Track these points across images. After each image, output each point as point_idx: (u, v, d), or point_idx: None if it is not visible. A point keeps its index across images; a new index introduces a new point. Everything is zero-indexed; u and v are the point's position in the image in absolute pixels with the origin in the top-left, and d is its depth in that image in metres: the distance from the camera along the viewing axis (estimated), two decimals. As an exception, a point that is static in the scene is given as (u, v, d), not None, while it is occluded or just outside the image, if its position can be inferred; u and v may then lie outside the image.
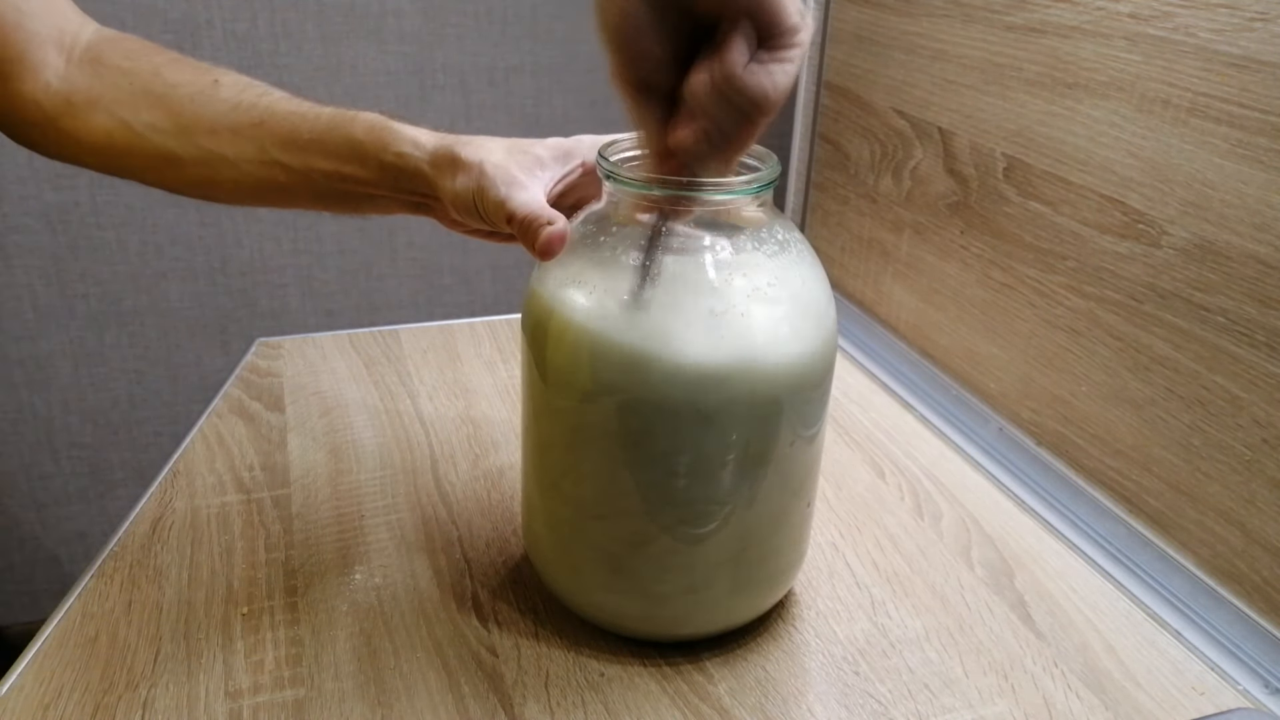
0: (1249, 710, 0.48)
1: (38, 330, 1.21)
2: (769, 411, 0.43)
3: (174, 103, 0.51)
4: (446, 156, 0.47)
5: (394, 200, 0.51)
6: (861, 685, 0.47)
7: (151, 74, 0.52)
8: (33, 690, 0.45)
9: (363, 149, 0.48)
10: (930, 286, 0.79)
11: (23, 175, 1.14)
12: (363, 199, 0.51)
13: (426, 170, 0.47)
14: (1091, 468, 0.63)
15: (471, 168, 0.46)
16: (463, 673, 0.47)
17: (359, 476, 0.63)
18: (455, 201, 0.47)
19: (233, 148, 0.50)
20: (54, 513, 1.31)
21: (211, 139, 0.51)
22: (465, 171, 0.46)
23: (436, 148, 0.47)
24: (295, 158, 0.50)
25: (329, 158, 0.49)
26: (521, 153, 0.48)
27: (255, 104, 0.51)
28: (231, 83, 0.52)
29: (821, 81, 0.93)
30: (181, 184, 0.53)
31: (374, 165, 0.48)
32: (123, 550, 0.55)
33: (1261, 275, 0.50)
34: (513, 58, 1.23)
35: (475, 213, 0.47)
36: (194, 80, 0.52)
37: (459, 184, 0.46)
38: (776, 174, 0.44)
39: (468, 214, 0.47)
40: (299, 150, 0.50)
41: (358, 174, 0.49)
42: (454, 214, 0.48)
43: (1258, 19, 0.49)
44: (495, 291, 1.34)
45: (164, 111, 0.51)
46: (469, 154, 0.46)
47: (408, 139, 0.48)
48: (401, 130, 0.48)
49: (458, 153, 0.47)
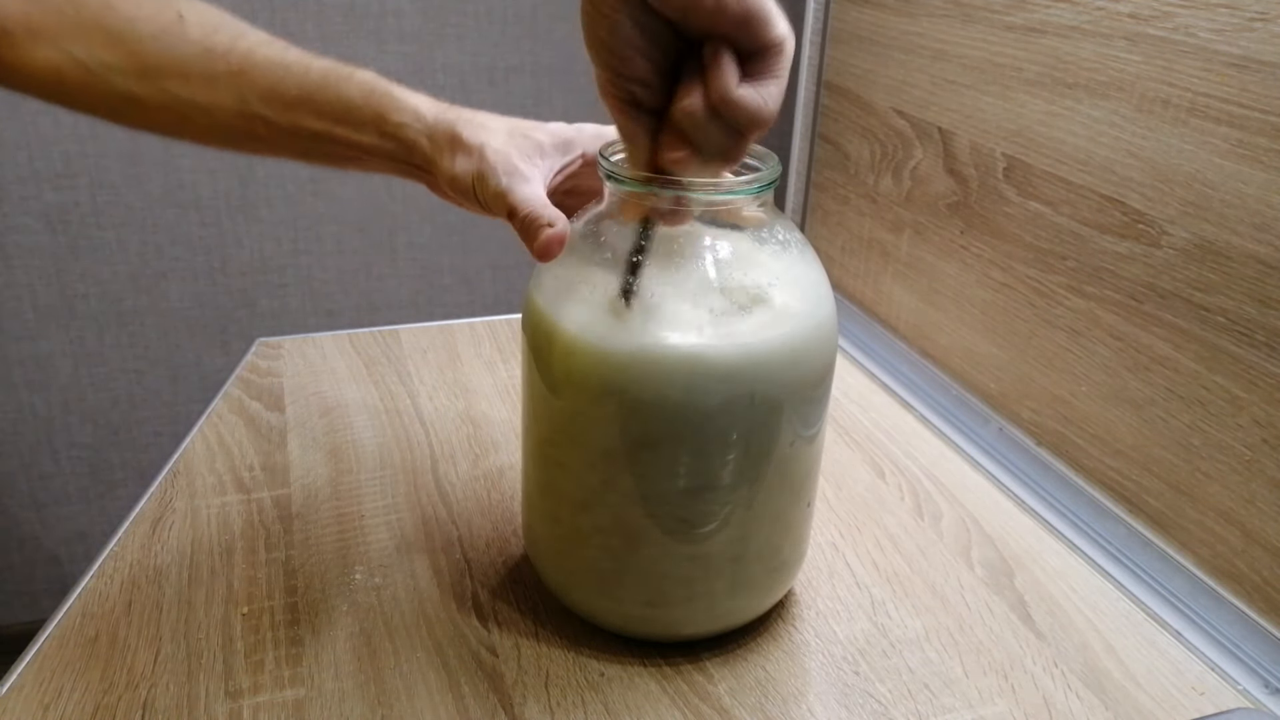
0: (1249, 710, 0.48)
1: (38, 330, 1.21)
2: (769, 411, 0.43)
3: (133, 41, 0.46)
4: (447, 134, 0.45)
5: (385, 164, 0.48)
6: (861, 685, 0.47)
7: (102, 4, 0.46)
8: (33, 690, 0.45)
9: (358, 113, 0.46)
10: (930, 286, 0.79)
11: (23, 175, 1.14)
12: (349, 160, 0.48)
13: (425, 146, 0.46)
14: (1091, 468, 0.63)
15: (472, 150, 0.45)
16: (463, 673, 0.47)
17: (359, 476, 0.63)
18: (453, 183, 0.46)
19: (207, 95, 0.46)
20: (54, 513, 1.31)
21: (182, 85, 0.46)
22: (465, 153, 0.45)
23: (437, 121, 0.46)
24: (280, 113, 0.46)
25: (319, 118, 0.46)
26: (523, 137, 0.47)
27: (231, 48, 0.47)
28: (198, 19, 0.47)
29: (821, 81, 0.93)
30: (145, 125, 0.49)
31: (371, 132, 0.46)
32: (123, 550, 0.55)
33: (1261, 275, 0.50)
34: (513, 58, 1.23)
35: (473, 197, 0.46)
36: (155, 15, 0.47)
37: (459, 166, 0.45)
38: (777, 174, 0.44)
39: (464, 196, 0.46)
40: (284, 106, 0.46)
41: (350, 138, 0.46)
42: (448, 191, 0.47)
43: (1258, 19, 0.49)
44: (495, 291, 1.34)
45: (123, 51, 0.46)
46: (470, 135, 0.45)
47: (408, 109, 0.46)
48: (401, 98, 0.46)
49: (459, 132, 0.45)
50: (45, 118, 1.13)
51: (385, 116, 0.46)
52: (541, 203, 0.44)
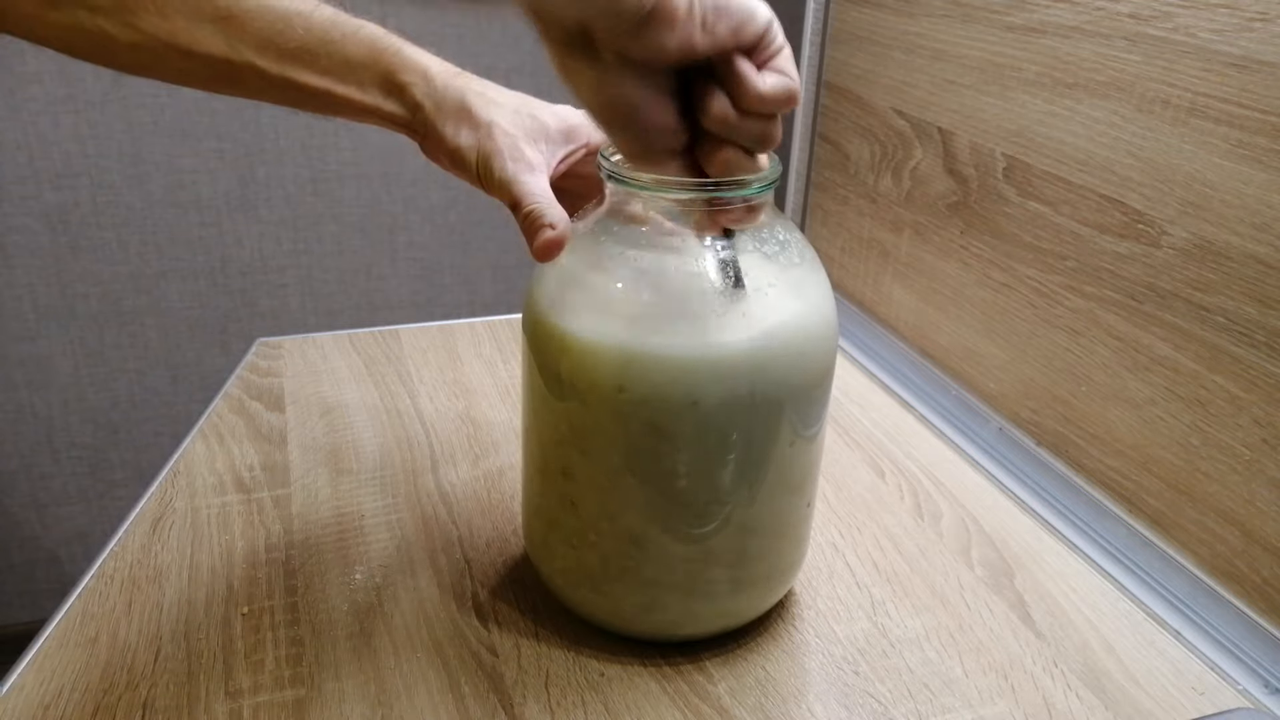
0: (1249, 710, 0.48)
1: (38, 330, 1.21)
2: (769, 411, 0.43)
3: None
4: (455, 102, 0.44)
5: (379, 120, 0.46)
6: (861, 685, 0.47)
7: None
8: (33, 690, 0.45)
9: (362, 71, 0.44)
10: (930, 286, 0.79)
11: (23, 175, 1.14)
12: (340, 111, 0.46)
13: (429, 109, 0.45)
14: (1091, 468, 0.63)
15: (480, 125, 0.44)
16: (463, 672, 0.47)
17: (359, 476, 0.63)
18: (454, 154, 0.45)
19: (189, 38, 0.42)
20: (54, 513, 1.31)
21: (160, 23, 0.42)
22: (472, 127, 0.44)
23: (446, 87, 0.45)
24: (274, 65, 0.43)
25: (319, 74, 0.44)
26: (530, 117, 0.46)
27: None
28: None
29: (821, 81, 0.93)
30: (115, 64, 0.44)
31: (374, 91, 0.44)
32: (123, 550, 0.55)
33: (1261, 275, 0.50)
34: (513, 58, 1.23)
35: (474, 174, 0.45)
36: None
37: (464, 139, 0.44)
38: (777, 174, 0.44)
39: (463, 170, 0.45)
40: (280, 58, 0.43)
41: (350, 96, 0.44)
42: (446, 161, 0.46)
43: (1258, 19, 0.49)
44: (495, 291, 1.34)
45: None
46: (480, 109, 0.44)
47: (417, 69, 0.44)
48: (410, 57, 0.45)
49: (469, 103, 0.44)
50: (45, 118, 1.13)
51: (391, 76, 0.44)
52: (548, 200, 0.43)
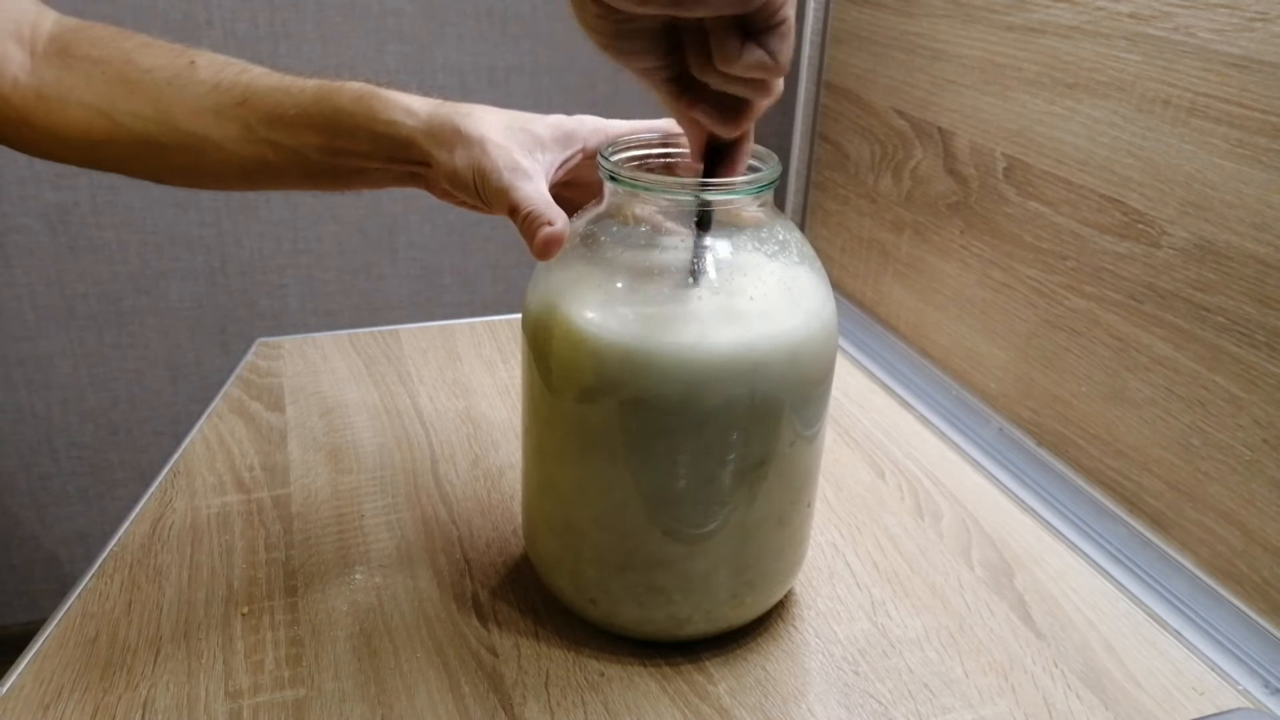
0: (1249, 710, 0.48)
1: (38, 330, 1.21)
2: (769, 411, 0.43)
3: (150, 88, 0.50)
4: (446, 127, 0.46)
5: (386, 173, 0.49)
6: (861, 685, 0.47)
7: (123, 60, 0.50)
8: (33, 690, 0.45)
9: (352, 120, 0.47)
10: (930, 286, 0.79)
11: (23, 175, 1.14)
12: (354, 173, 0.50)
13: (420, 140, 0.46)
14: (1091, 468, 0.63)
15: (473, 143, 0.45)
16: (463, 673, 0.47)
17: (359, 476, 0.63)
18: (452, 177, 0.46)
19: (217, 129, 0.49)
20: (54, 513, 1.31)
21: (194, 121, 0.49)
22: (465, 147, 0.45)
23: (433, 115, 0.46)
24: (283, 134, 0.48)
25: (318, 131, 0.48)
26: (522, 130, 0.47)
27: (236, 82, 0.49)
28: (208, 62, 0.51)
29: (821, 81, 0.93)
30: (166, 171, 0.52)
31: (365, 136, 0.47)
32: (123, 550, 0.55)
33: (1261, 275, 0.50)
34: (513, 58, 1.23)
35: (474, 192, 0.45)
36: (169, 63, 0.50)
37: (459, 159, 0.45)
38: (777, 174, 0.44)
39: (464, 190, 0.46)
40: (286, 126, 0.48)
41: (348, 146, 0.48)
42: (447, 186, 0.47)
43: (1258, 19, 0.49)
44: (495, 291, 1.34)
45: (142, 98, 0.50)
46: (470, 128, 0.45)
47: (399, 106, 0.47)
48: (391, 98, 0.47)
49: (458, 125, 0.45)
50: (45, 118, 1.13)
51: (377, 117, 0.47)
52: (545, 201, 0.43)
